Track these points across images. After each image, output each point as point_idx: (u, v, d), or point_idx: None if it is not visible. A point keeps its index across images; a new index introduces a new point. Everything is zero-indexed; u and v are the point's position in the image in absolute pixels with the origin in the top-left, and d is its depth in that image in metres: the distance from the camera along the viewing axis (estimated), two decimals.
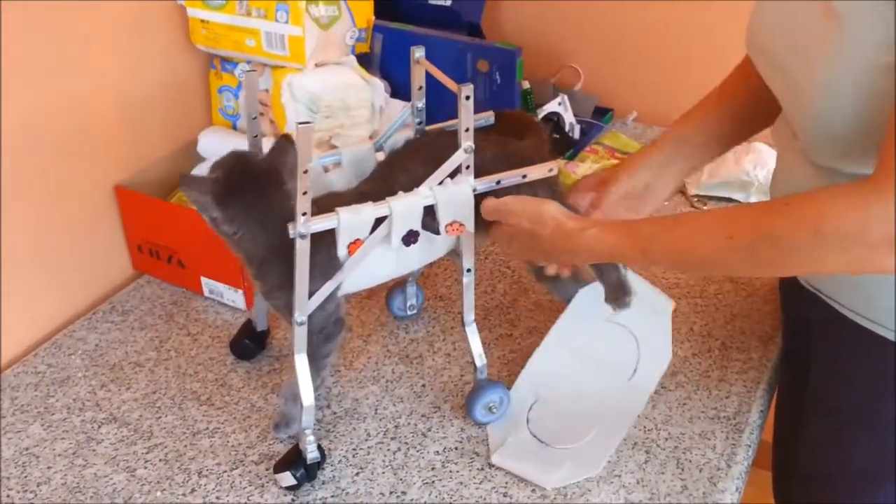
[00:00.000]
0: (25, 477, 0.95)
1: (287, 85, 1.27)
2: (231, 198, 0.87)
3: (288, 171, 0.89)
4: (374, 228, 0.88)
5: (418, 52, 0.96)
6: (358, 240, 0.87)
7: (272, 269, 0.90)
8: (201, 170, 1.30)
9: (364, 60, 1.38)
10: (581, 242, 0.85)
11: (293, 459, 0.92)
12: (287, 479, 0.91)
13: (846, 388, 0.94)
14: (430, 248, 0.94)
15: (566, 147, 1.51)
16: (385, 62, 1.43)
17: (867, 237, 0.68)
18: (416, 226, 0.89)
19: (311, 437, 0.91)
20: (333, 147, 1.28)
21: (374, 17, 1.39)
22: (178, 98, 1.34)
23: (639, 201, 1.02)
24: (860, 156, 0.77)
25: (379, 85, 1.33)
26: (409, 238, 0.89)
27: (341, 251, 0.87)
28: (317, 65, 1.29)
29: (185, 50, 1.33)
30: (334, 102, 1.28)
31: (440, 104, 1.02)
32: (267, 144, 1.25)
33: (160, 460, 0.97)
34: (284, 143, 0.91)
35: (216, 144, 1.32)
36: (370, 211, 0.86)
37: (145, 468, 0.96)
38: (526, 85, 1.51)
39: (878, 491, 0.93)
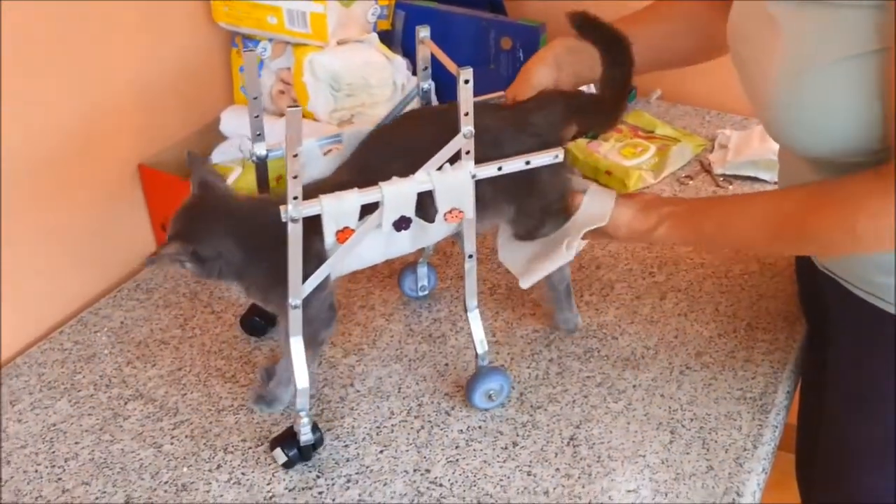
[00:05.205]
0: (53, 452, 0.96)
1: (308, 63, 1.26)
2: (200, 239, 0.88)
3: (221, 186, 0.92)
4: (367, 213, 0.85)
5: (423, 33, 0.94)
6: (347, 228, 0.84)
7: (264, 280, 0.91)
8: (224, 149, 1.30)
9: (386, 38, 1.37)
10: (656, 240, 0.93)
11: (287, 438, 0.92)
12: (280, 456, 0.92)
13: (864, 364, 0.94)
14: (424, 233, 0.90)
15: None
16: (407, 40, 1.42)
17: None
18: (410, 212, 0.86)
19: (306, 420, 0.91)
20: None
21: None
22: (201, 76, 1.34)
23: None
24: (824, 150, 0.81)
25: (401, 63, 1.32)
26: (401, 224, 0.86)
27: (328, 240, 0.84)
28: (338, 42, 1.28)
29: (208, 28, 1.32)
30: (356, 81, 1.27)
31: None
32: (275, 123, 1.25)
33: (186, 436, 0.97)
34: (194, 161, 0.93)
35: (238, 123, 1.32)
36: (355, 197, 0.82)
37: (171, 444, 0.97)
38: None
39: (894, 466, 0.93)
